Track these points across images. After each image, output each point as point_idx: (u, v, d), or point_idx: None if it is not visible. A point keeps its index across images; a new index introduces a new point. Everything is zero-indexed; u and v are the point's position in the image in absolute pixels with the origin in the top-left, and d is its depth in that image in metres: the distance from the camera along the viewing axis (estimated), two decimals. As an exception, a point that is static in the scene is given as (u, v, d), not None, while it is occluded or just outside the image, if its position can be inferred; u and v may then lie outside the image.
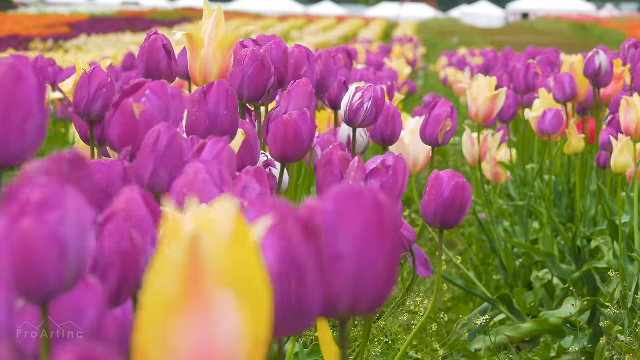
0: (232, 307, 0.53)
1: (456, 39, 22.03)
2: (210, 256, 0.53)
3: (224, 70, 1.77)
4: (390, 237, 0.70)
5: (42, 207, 0.70)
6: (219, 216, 0.55)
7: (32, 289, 0.71)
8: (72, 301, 0.79)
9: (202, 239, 0.53)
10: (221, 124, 1.43)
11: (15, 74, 0.86)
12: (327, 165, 1.32)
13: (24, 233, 0.70)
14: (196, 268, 0.52)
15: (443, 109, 1.96)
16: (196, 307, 0.52)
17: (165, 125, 1.09)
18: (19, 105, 0.87)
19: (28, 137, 0.87)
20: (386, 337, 2.04)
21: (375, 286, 0.71)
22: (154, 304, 0.53)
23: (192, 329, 0.52)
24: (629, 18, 35.28)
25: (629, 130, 2.48)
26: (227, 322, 0.53)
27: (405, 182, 1.27)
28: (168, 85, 1.21)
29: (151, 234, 0.84)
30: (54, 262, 0.71)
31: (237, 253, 0.53)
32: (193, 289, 0.52)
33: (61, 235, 0.71)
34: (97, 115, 1.63)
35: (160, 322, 0.52)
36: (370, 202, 0.70)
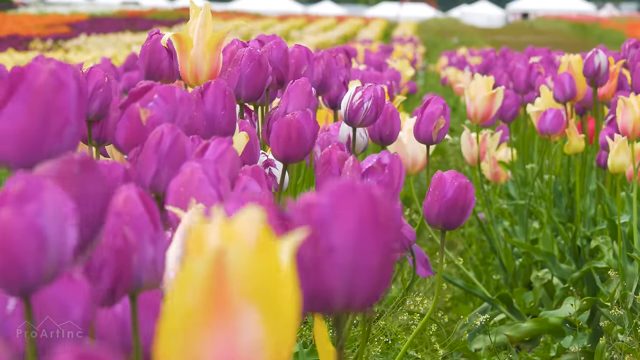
0: (256, 319, 0.53)
1: (456, 39, 22.03)
2: (235, 268, 0.53)
3: (214, 69, 1.76)
4: (386, 232, 0.70)
5: (20, 199, 0.71)
6: (244, 226, 0.55)
7: (11, 280, 0.72)
8: (58, 298, 0.79)
9: (227, 251, 0.53)
10: (219, 124, 1.43)
11: (57, 82, 0.87)
12: (327, 164, 1.32)
13: (1, 224, 0.71)
14: (221, 280, 0.53)
15: (436, 106, 1.96)
16: (220, 319, 0.52)
17: (169, 126, 1.09)
18: (58, 112, 0.87)
19: (64, 143, 0.88)
20: (386, 337, 2.04)
21: (370, 281, 0.71)
22: (177, 314, 0.53)
23: (216, 341, 0.52)
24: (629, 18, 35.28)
25: (627, 130, 2.48)
26: (251, 334, 0.53)
27: (402, 181, 1.27)
28: (177, 89, 1.21)
29: (148, 233, 0.84)
30: (32, 254, 0.71)
31: (262, 265, 0.53)
32: (218, 301, 0.52)
33: (39, 227, 0.71)
34: (95, 115, 1.63)
35: (184, 333, 0.52)
36: (365, 197, 0.70)
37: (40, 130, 0.87)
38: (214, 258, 0.53)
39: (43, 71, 0.87)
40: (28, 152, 0.88)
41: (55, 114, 0.88)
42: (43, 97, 0.87)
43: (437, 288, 1.61)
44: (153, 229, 0.84)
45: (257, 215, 0.56)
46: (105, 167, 1.02)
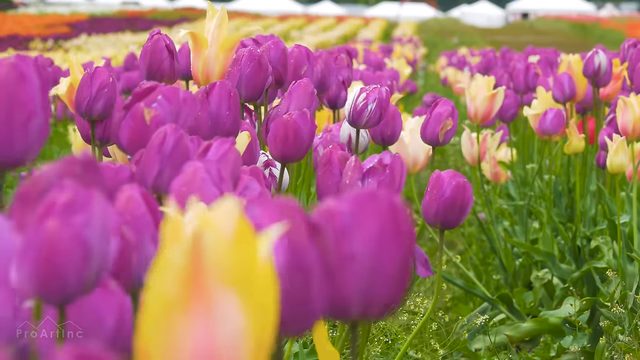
0: (235, 306, 0.53)
1: (456, 39, 22.03)
2: (213, 256, 0.53)
3: (225, 71, 1.77)
4: (405, 240, 0.70)
5: (69, 210, 0.71)
6: (221, 216, 0.55)
7: (52, 291, 0.71)
8: (93, 306, 0.79)
9: (204, 239, 0.53)
10: (223, 125, 1.44)
11: (18, 74, 0.87)
12: (327, 165, 1.32)
13: (49, 234, 0.70)
14: (198, 268, 0.52)
15: (444, 108, 1.96)
16: (199, 306, 0.52)
17: (172, 127, 1.09)
18: (22, 104, 0.87)
19: (31, 136, 0.88)
20: (386, 337, 2.04)
21: (389, 289, 0.71)
22: (156, 303, 0.53)
23: (195, 328, 0.52)
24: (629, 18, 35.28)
25: (627, 130, 2.48)
26: (230, 321, 0.53)
27: (403, 181, 1.27)
28: (180, 90, 1.21)
29: (150, 233, 0.84)
30: (76, 265, 0.71)
31: (239, 252, 0.54)
32: (195, 288, 0.52)
33: (85, 238, 0.71)
34: (98, 115, 1.63)
35: (163, 322, 0.52)
36: (386, 205, 0.70)
37: (6, 123, 0.87)
38: (191, 245, 0.53)
39: (3, 64, 0.87)
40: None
41: (20, 107, 0.87)
42: (5, 90, 0.87)
43: (437, 288, 1.61)
44: (155, 228, 0.85)
45: (234, 206, 0.56)
46: (112, 170, 1.02)
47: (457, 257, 2.54)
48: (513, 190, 3.88)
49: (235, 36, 1.76)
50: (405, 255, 0.71)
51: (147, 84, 1.21)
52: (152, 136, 1.10)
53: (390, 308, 0.72)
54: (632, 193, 2.52)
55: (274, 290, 0.55)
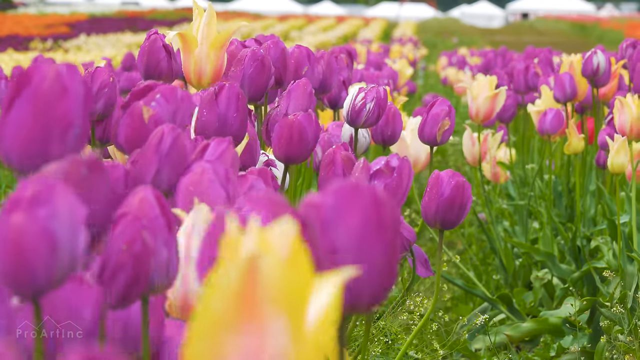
0: (284, 328, 0.53)
1: (456, 39, 22.02)
2: (267, 276, 0.53)
3: (218, 69, 1.76)
4: (390, 233, 0.70)
5: (33, 203, 0.71)
6: (278, 236, 0.56)
7: (22, 283, 0.72)
8: (69, 300, 0.79)
9: (260, 260, 0.53)
10: (230, 127, 1.44)
11: (60, 88, 0.87)
12: (330, 165, 1.32)
13: (14, 227, 0.71)
14: (252, 288, 0.53)
15: (441, 108, 1.96)
16: (249, 325, 0.53)
17: (170, 126, 1.09)
18: (61, 118, 0.87)
19: (68, 147, 0.88)
20: (386, 337, 2.04)
21: (375, 282, 0.71)
22: (207, 320, 0.53)
23: (243, 346, 0.53)
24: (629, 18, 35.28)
25: (624, 130, 2.48)
26: (278, 342, 0.53)
27: (410, 184, 1.27)
28: (179, 89, 1.21)
29: (163, 236, 0.84)
30: (44, 258, 0.72)
31: (293, 276, 0.54)
32: (248, 309, 0.53)
33: (51, 231, 0.71)
34: (98, 116, 1.63)
35: (212, 338, 0.53)
36: (370, 198, 0.70)
37: (43, 134, 0.87)
38: (248, 264, 0.53)
39: (48, 77, 0.87)
40: (32, 156, 0.88)
41: (60, 119, 0.87)
42: (47, 103, 0.87)
43: (436, 288, 1.61)
44: (167, 231, 0.84)
45: (291, 227, 0.56)
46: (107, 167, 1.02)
47: (456, 257, 2.54)
48: (513, 190, 3.88)
49: (225, 33, 1.75)
50: (391, 248, 0.71)
51: (145, 83, 1.21)
52: (150, 135, 1.09)
53: (376, 302, 0.72)
54: (632, 193, 2.52)
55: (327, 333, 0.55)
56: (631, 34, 20.00)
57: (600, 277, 2.60)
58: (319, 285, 0.56)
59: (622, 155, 2.58)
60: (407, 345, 1.68)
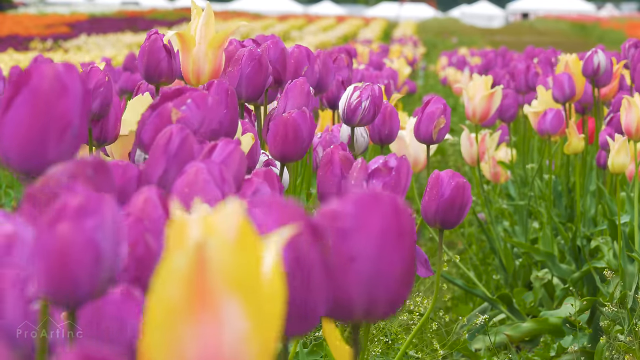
0: (239, 311, 0.53)
1: (456, 39, 22.03)
2: (216, 261, 0.53)
3: (216, 69, 1.76)
4: (408, 242, 0.70)
5: (80, 214, 0.71)
6: (225, 219, 0.55)
7: (63, 294, 0.71)
8: (114, 312, 0.79)
9: (207, 244, 0.53)
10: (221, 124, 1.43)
11: (60, 86, 0.87)
12: (328, 165, 1.32)
13: (60, 238, 0.70)
14: (202, 273, 0.53)
15: (436, 106, 1.96)
16: (203, 313, 0.52)
17: (178, 127, 1.09)
18: (60, 117, 0.87)
19: (66, 145, 0.88)
20: (386, 337, 2.04)
21: (392, 291, 0.71)
22: (160, 309, 0.53)
23: (200, 334, 0.52)
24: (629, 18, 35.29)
25: (630, 130, 2.48)
26: (235, 326, 0.53)
27: (408, 183, 1.27)
28: (209, 97, 1.21)
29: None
30: (87, 269, 0.71)
31: (243, 257, 0.54)
32: (199, 294, 0.52)
33: (97, 242, 0.71)
34: (95, 115, 1.63)
35: (167, 327, 0.52)
36: (390, 207, 0.70)
37: (42, 134, 0.87)
38: (195, 251, 0.53)
39: (47, 76, 0.87)
40: (30, 156, 0.88)
41: (58, 119, 0.87)
42: (46, 102, 0.87)
43: (436, 287, 1.61)
44: None
45: (238, 209, 0.56)
46: (119, 168, 1.01)
47: (456, 257, 2.53)
48: (513, 190, 3.88)
49: (223, 33, 1.75)
50: (409, 257, 0.71)
51: (176, 86, 1.21)
52: (158, 136, 1.09)
53: (393, 309, 0.72)
54: (632, 193, 2.52)
55: (279, 296, 0.55)
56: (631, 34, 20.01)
57: (600, 277, 2.60)
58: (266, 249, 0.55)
59: (622, 155, 2.58)
60: (407, 345, 1.67)
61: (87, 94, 0.89)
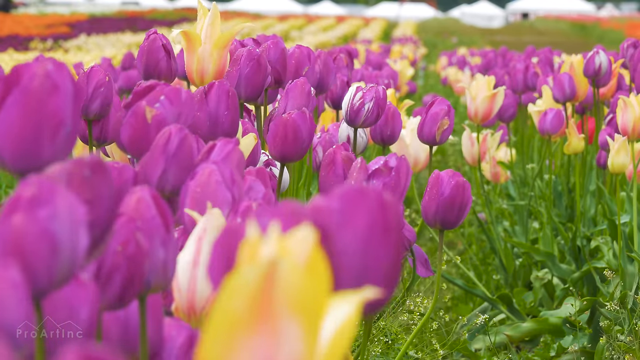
0: (298, 333, 0.53)
1: (456, 39, 22.03)
2: (284, 281, 0.54)
3: (220, 69, 1.76)
4: (395, 237, 0.70)
5: (33, 204, 0.71)
6: (298, 244, 0.56)
7: None
8: (66, 300, 0.79)
9: (278, 265, 0.54)
10: (222, 125, 1.44)
11: (51, 85, 0.87)
12: (330, 165, 1.32)
13: (14, 229, 0.71)
14: (269, 291, 0.53)
15: (440, 107, 1.96)
16: (263, 327, 0.53)
17: (177, 127, 1.09)
18: (51, 115, 0.87)
19: (59, 145, 0.88)
20: (386, 337, 2.04)
21: (379, 286, 0.71)
22: (223, 320, 0.53)
23: (257, 349, 0.53)
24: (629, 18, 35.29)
25: (627, 130, 2.48)
26: (292, 347, 0.53)
27: (408, 183, 1.27)
28: (183, 91, 1.21)
29: (160, 236, 0.84)
30: (44, 260, 0.71)
31: (310, 283, 0.54)
32: (263, 309, 0.53)
33: (52, 233, 0.71)
34: (95, 115, 1.63)
35: (228, 339, 0.53)
36: (377, 202, 0.70)
37: (34, 133, 0.87)
38: (266, 268, 0.54)
39: (37, 74, 0.87)
40: (24, 155, 0.88)
41: (50, 118, 0.87)
42: (37, 101, 0.87)
43: (436, 287, 1.61)
44: (164, 231, 0.84)
45: (310, 235, 0.57)
46: (116, 170, 1.01)
47: (457, 258, 2.54)
48: (513, 190, 3.88)
49: (229, 33, 1.76)
50: (395, 252, 0.71)
51: (147, 83, 1.21)
52: (157, 136, 1.09)
53: (381, 304, 0.72)
54: (632, 193, 2.52)
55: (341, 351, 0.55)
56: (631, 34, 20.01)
57: (600, 277, 2.60)
58: (338, 300, 0.56)
59: (622, 155, 2.58)
60: (407, 345, 1.68)
61: (78, 92, 0.89)
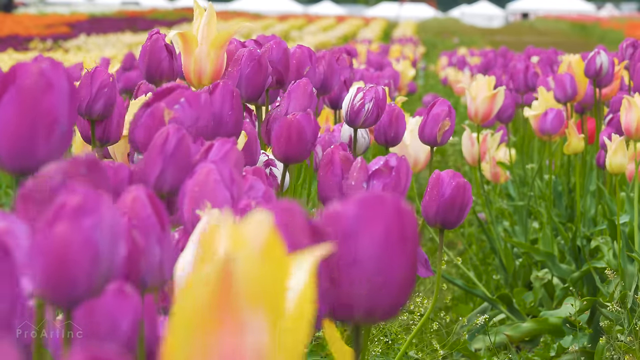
0: (261, 324, 0.53)
1: (456, 39, 22.02)
2: (242, 274, 0.53)
3: (218, 69, 1.76)
4: (411, 245, 0.70)
5: (79, 213, 0.71)
6: (254, 230, 0.56)
7: (60, 294, 0.71)
8: (108, 311, 0.79)
9: (234, 258, 0.54)
10: (226, 125, 1.44)
11: (45, 83, 0.87)
12: (329, 165, 1.32)
13: (58, 238, 0.70)
14: (228, 285, 0.53)
15: (441, 108, 1.96)
16: (226, 323, 0.53)
17: (175, 127, 1.09)
18: (46, 113, 0.87)
19: (54, 144, 0.88)
20: (386, 337, 2.04)
21: (393, 294, 0.70)
22: (185, 318, 0.53)
23: (221, 344, 0.53)
24: (629, 18, 35.28)
25: (630, 130, 2.48)
26: (256, 339, 0.53)
27: (409, 184, 1.27)
28: (202, 95, 1.21)
29: (156, 235, 0.84)
30: (85, 269, 0.71)
31: (268, 271, 0.54)
32: (223, 305, 0.53)
33: (95, 242, 0.71)
34: (98, 115, 1.63)
35: (190, 335, 0.53)
36: (393, 209, 0.69)
37: (29, 131, 0.87)
38: (222, 264, 0.53)
39: (32, 72, 0.87)
40: (19, 154, 0.88)
41: (44, 116, 0.87)
42: (32, 98, 0.87)
43: (436, 288, 1.61)
44: (160, 230, 0.84)
45: (267, 219, 0.56)
46: (111, 169, 1.01)
47: (457, 258, 2.54)
48: (513, 191, 3.88)
49: (225, 33, 1.76)
50: (411, 260, 0.70)
51: (167, 85, 1.21)
52: (155, 136, 1.10)
53: (394, 312, 0.71)
54: (632, 193, 2.52)
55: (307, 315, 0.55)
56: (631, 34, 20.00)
57: (600, 277, 2.60)
58: (296, 265, 0.56)
59: (620, 155, 2.58)
60: (407, 345, 1.68)
61: (73, 91, 0.89)
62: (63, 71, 0.88)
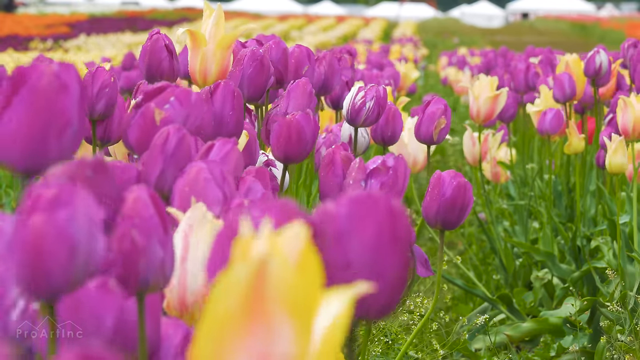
0: (290, 331, 0.53)
1: (456, 39, 22.02)
2: (276, 279, 0.53)
3: (223, 69, 1.77)
4: (403, 244, 0.70)
5: (53, 205, 0.71)
6: (289, 241, 0.56)
7: (38, 286, 0.72)
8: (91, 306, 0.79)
9: (270, 263, 0.54)
10: (227, 125, 1.44)
11: (60, 84, 0.87)
12: (330, 165, 1.32)
13: (33, 229, 0.71)
14: (261, 289, 0.53)
15: (437, 106, 1.96)
16: (256, 326, 0.53)
17: (175, 127, 1.09)
18: (59, 114, 0.87)
19: (65, 144, 0.88)
20: (386, 337, 2.04)
21: (386, 293, 0.70)
22: (215, 318, 0.53)
23: (249, 347, 0.53)
24: (629, 18, 35.28)
25: (627, 130, 2.48)
26: (284, 345, 0.53)
27: (406, 183, 1.27)
28: (192, 93, 1.21)
29: (158, 235, 0.84)
30: (61, 261, 0.71)
31: (301, 281, 0.54)
32: (255, 307, 0.53)
33: (70, 234, 0.71)
34: (99, 115, 1.63)
35: (219, 338, 0.53)
36: (385, 209, 0.69)
37: (42, 132, 0.88)
38: (257, 266, 0.53)
39: (46, 73, 0.87)
40: (30, 155, 0.88)
41: (58, 117, 0.88)
42: (45, 99, 0.87)
43: (437, 288, 1.61)
44: (162, 231, 0.84)
45: (303, 231, 0.57)
46: (119, 169, 1.01)
47: (457, 258, 2.54)
48: (513, 190, 3.88)
49: (232, 34, 1.76)
50: (403, 259, 0.70)
51: (157, 84, 1.21)
52: (155, 136, 1.10)
53: (388, 312, 0.71)
54: (632, 193, 2.52)
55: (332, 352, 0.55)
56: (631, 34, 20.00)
57: (600, 277, 2.60)
58: (330, 297, 0.56)
59: (619, 155, 2.58)
60: (407, 345, 1.68)
61: (84, 93, 0.89)
62: (75, 73, 0.89)
